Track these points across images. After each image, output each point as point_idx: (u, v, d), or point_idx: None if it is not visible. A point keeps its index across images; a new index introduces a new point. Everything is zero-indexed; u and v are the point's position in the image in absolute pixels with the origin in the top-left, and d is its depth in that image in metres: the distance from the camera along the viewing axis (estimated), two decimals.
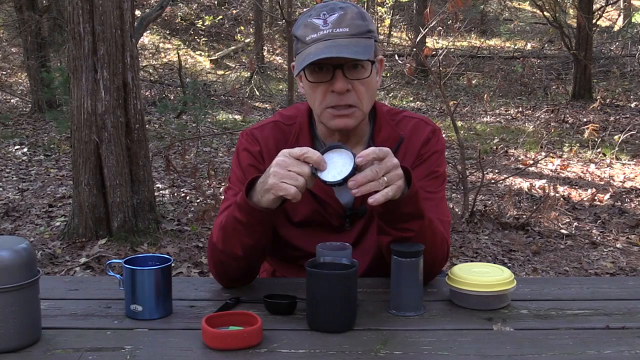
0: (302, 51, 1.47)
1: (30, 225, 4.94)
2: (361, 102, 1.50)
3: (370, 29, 1.49)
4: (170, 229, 4.72)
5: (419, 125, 1.63)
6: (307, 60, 1.43)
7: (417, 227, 1.42)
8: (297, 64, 1.49)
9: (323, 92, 1.50)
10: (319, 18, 1.47)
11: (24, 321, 1.21)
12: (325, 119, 1.53)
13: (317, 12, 1.49)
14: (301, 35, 1.48)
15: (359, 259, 1.50)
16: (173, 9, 15.81)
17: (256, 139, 1.62)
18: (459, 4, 5.22)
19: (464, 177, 5.38)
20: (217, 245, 1.50)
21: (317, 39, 1.45)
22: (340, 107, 1.49)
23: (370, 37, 1.49)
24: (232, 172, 1.65)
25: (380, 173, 1.30)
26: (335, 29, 1.45)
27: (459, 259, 4.40)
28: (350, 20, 1.46)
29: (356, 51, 1.44)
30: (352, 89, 1.48)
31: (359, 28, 1.46)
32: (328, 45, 1.43)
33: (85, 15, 4.28)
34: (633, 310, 1.42)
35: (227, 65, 14.07)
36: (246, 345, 1.21)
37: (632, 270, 4.33)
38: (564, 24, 12.50)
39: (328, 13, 1.47)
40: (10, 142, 8.18)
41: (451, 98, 10.95)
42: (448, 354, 1.20)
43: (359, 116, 1.52)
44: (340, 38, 1.44)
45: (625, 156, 7.75)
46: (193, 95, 10.07)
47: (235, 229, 1.44)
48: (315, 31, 1.46)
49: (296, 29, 1.52)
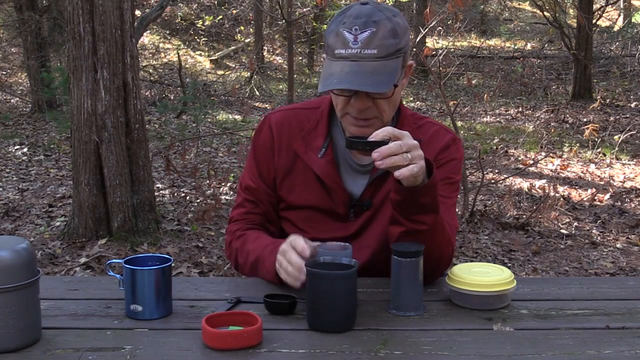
0: (329, 65, 1.47)
1: (30, 225, 4.94)
2: (381, 115, 1.51)
3: (399, 47, 1.46)
4: (170, 229, 4.72)
5: (439, 132, 1.64)
6: (329, 84, 1.44)
7: (430, 221, 1.43)
8: (322, 77, 1.49)
9: (344, 101, 1.51)
10: (351, 32, 1.44)
11: (24, 321, 1.21)
12: (345, 123, 1.56)
13: (349, 22, 1.45)
14: (331, 44, 1.47)
15: (359, 251, 1.52)
16: (173, 9, 15.81)
17: (271, 126, 1.66)
18: (459, 4, 5.22)
19: (464, 177, 5.38)
20: (243, 269, 1.65)
21: (344, 57, 1.44)
22: (360, 119, 1.51)
23: (398, 55, 1.46)
24: (249, 157, 1.72)
25: (403, 148, 1.31)
26: (364, 50, 1.42)
27: (459, 259, 4.40)
28: (381, 40, 1.43)
29: (379, 81, 1.42)
30: (373, 105, 1.49)
31: (388, 49, 1.44)
32: (353, 71, 1.42)
33: (85, 15, 4.28)
34: (633, 310, 1.42)
35: (227, 65, 14.07)
36: (246, 345, 1.21)
37: (632, 270, 4.33)
38: (564, 24, 12.50)
39: (360, 29, 1.43)
40: (10, 142, 8.18)
41: (451, 98, 10.95)
42: (448, 354, 1.20)
43: (379, 125, 1.50)
44: (366, 61, 1.42)
45: (625, 156, 7.74)
46: (193, 95, 10.07)
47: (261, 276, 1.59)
48: (345, 47, 1.44)
49: (328, 33, 1.50)
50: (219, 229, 4.88)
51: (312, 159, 1.60)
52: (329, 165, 1.59)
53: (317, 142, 1.61)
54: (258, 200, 1.67)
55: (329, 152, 1.60)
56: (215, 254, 4.41)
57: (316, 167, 1.59)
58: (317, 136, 1.62)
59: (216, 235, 4.76)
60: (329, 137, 1.62)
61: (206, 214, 4.86)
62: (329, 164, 1.59)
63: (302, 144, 1.62)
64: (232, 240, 1.69)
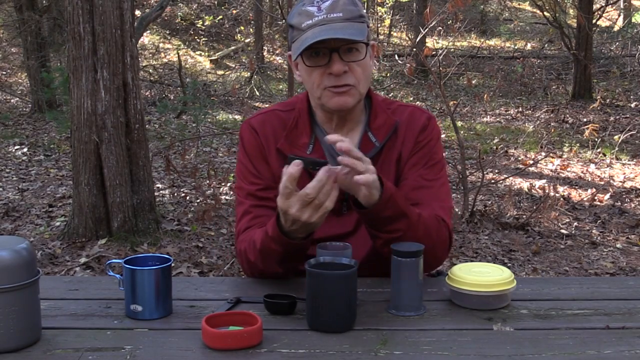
0: (299, 37, 1.53)
1: (30, 225, 4.94)
2: (358, 82, 1.56)
3: (362, 13, 1.55)
4: (170, 229, 4.72)
5: (415, 113, 1.68)
6: (305, 43, 1.49)
7: (403, 227, 1.46)
8: (294, 50, 1.55)
9: (320, 75, 1.55)
10: (313, 5, 1.52)
11: (24, 321, 1.21)
12: (325, 98, 1.57)
13: (309, 0, 1.53)
14: (296, 23, 1.54)
15: (358, 246, 1.53)
16: (173, 9, 15.81)
17: (254, 128, 1.67)
18: (459, 4, 5.22)
19: (464, 177, 5.37)
20: (257, 264, 1.56)
21: (312, 25, 1.51)
22: (339, 86, 1.54)
23: (362, 21, 1.54)
24: (239, 165, 1.69)
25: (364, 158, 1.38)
26: (329, 14, 1.51)
27: (459, 259, 4.40)
28: (343, 5, 1.52)
29: (351, 33, 1.50)
30: (349, 70, 1.54)
31: (351, 13, 1.52)
32: (324, 29, 1.49)
33: (85, 15, 4.28)
34: (633, 310, 1.41)
35: (227, 65, 14.07)
36: (246, 345, 1.21)
37: (632, 270, 4.33)
38: (564, 24, 12.50)
39: (321, 0, 1.52)
40: (10, 142, 8.18)
41: (451, 98, 10.94)
42: (448, 354, 1.20)
43: (357, 95, 1.57)
44: (335, 22, 1.50)
45: (625, 156, 7.74)
46: (193, 95, 10.07)
47: (274, 256, 1.50)
48: (310, 17, 1.51)
49: (291, 18, 1.57)
50: (219, 229, 4.88)
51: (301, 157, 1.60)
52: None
53: (303, 140, 1.62)
54: (266, 197, 1.61)
55: (317, 148, 1.62)
56: (215, 254, 4.41)
57: None
58: (300, 134, 1.63)
59: (216, 235, 4.76)
60: (314, 134, 1.63)
61: (206, 214, 4.85)
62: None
63: (286, 143, 1.62)
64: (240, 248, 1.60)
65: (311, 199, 1.33)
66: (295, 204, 1.34)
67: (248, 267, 1.60)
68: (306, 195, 1.33)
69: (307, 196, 1.33)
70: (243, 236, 1.60)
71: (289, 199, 1.35)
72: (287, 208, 1.35)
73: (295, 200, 1.34)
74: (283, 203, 1.36)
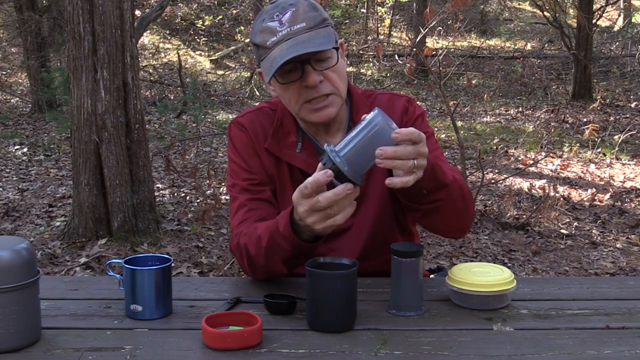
0: (266, 56, 1.47)
1: (30, 225, 4.94)
2: (337, 88, 1.51)
3: (324, 17, 1.49)
4: (170, 229, 4.72)
5: (392, 98, 1.66)
6: (275, 64, 1.43)
7: (443, 196, 1.40)
8: (265, 71, 1.49)
9: (297, 90, 1.50)
10: (273, 20, 1.46)
11: (24, 321, 1.21)
12: (305, 114, 1.53)
13: (269, 15, 1.48)
14: (260, 41, 1.48)
15: (353, 240, 1.54)
16: (173, 9, 15.81)
17: (242, 125, 1.64)
18: (459, 4, 5.22)
19: (464, 177, 5.38)
20: (257, 260, 1.48)
21: (278, 41, 1.45)
22: (318, 99, 1.50)
23: (327, 24, 1.49)
24: (230, 163, 1.65)
25: (411, 155, 1.24)
26: (292, 26, 1.44)
27: (459, 259, 4.40)
28: (304, 14, 1.46)
29: (320, 43, 1.44)
30: (324, 79, 1.49)
31: (314, 20, 1.46)
32: (291, 44, 1.43)
33: (85, 15, 4.28)
34: (633, 310, 1.41)
35: (227, 65, 14.07)
36: (246, 345, 1.21)
37: (632, 270, 4.33)
38: (564, 24, 12.49)
39: (280, 13, 1.46)
40: (10, 142, 8.18)
41: (451, 98, 10.94)
42: (448, 354, 1.20)
43: (338, 101, 1.53)
44: (300, 34, 1.44)
45: (625, 156, 7.74)
46: (193, 95, 10.07)
47: (281, 254, 1.42)
48: (274, 34, 1.45)
49: (254, 36, 1.51)
50: (219, 229, 4.88)
51: (291, 156, 1.59)
52: (311, 159, 1.56)
53: (290, 138, 1.60)
54: (261, 190, 1.59)
55: (307, 145, 1.59)
56: (215, 254, 4.41)
57: (299, 163, 1.57)
58: (286, 133, 1.61)
59: (216, 235, 4.76)
60: (300, 131, 1.61)
61: (206, 214, 4.86)
62: (310, 158, 1.57)
63: (273, 142, 1.60)
64: (238, 242, 1.53)
65: (321, 207, 1.26)
66: (305, 204, 1.28)
67: (247, 262, 1.53)
68: (317, 201, 1.25)
69: (317, 202, 1.25)
70: (241, 229, 1.54)
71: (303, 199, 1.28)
72: (297, 204, 1.30)
73: (306, 201, 1.28)
74: (296, 198, 1.30)
